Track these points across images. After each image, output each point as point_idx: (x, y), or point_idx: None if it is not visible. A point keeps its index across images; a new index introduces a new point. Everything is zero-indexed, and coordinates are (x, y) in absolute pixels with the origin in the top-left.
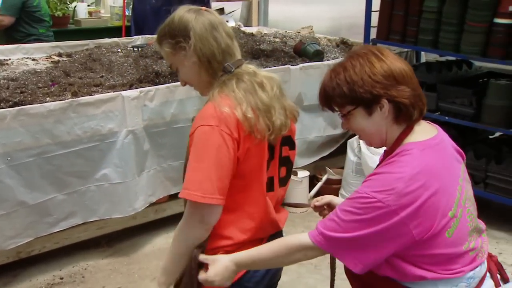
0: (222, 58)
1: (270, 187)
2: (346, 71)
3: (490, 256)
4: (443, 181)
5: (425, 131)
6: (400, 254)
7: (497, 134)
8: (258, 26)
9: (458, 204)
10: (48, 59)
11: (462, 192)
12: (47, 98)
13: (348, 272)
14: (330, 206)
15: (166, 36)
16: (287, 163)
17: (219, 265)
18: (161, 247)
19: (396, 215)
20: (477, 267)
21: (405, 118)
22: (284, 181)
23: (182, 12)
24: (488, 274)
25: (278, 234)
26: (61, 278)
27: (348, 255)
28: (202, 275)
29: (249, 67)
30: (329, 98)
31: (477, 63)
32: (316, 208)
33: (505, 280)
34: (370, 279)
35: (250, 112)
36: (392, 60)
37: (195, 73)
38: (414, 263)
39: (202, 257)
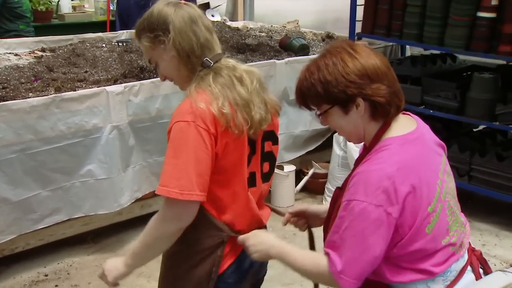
0: (201, 53)
1: (252, 182)
2: (319, 71)
3: (473, 250)
4: (423, 175)
5: (403, 126)
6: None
7: (481, 127)
8: (243, 20)
9: (438, 199)
10: (31, 54)
11: (442, 186)
12: (30, 94)
13: None
14: (306, 215)
15: (145, 30)
16: (270, 158)
17: (259, 236)
18: None
19: (387, 214)
20: (455, 261)
21: (382, 115)
22: (267, 177)
23: (161, 6)
24: (469, 267)
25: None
26: (46, 275)
27: (353, 277)
28: (240, 237)
29: (229, 61)
30: (305, 98)
31: (461, 57)
32: (288, 218)
33: (487, 275)
34: None
35: (226, 107)
36: (366, 57)
37: (174, 67)
38: (395, 263)
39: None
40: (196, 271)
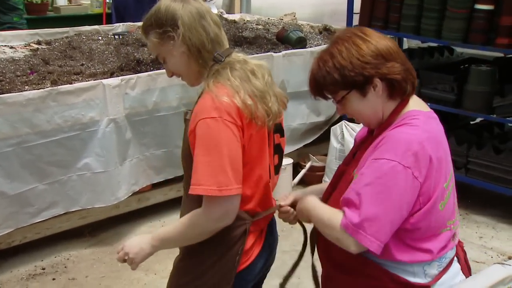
0: (212, 48)
1: (269, 174)
2: (333, 58)
3: (458, 242)
4: (444, 151)
5: (421, 105)
6: None
7: (478, 119)
8: (240, 13)
9: (451, 179)
10: (27, 47)
11: (452, 169)
12: (26, 87)
13: (320, 249)
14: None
15: (153, 26)
16: (279, 151)
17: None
18: None
19: (414, 178)
20: (451, 249)
21: (399, 93)
22: (277, 169)
23: (168, 1)
24: (456, 258)
25: (273, 222)
26: (43, 269)
27: (372, 234)
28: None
29: (239, 55)
30: (321, 87)
31: (459, 49)
32: (282, 211)
33: (468, 267)
34: (343, 259)
35: (248, 99)
36: (377, 39)
37: (184, 63)
38: (399, 238)
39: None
40: (221, 263)
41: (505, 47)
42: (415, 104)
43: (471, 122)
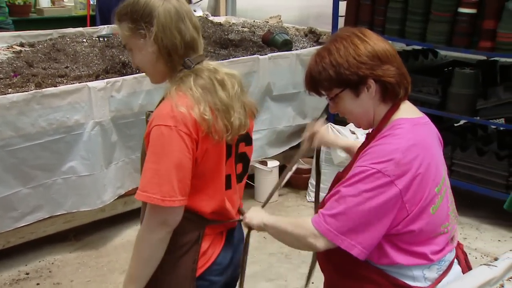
0: (184, 52)
1: (228, 184)
2: (331, 55)
3: (458, 244)
4: (433, 156)
5: (412, 110)
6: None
7: (462, 122)
8: (226, 15)
9: (443, 183)
10: (10, 49)
11: (446, 173)
12: (9, 90)
13: (320, 256)
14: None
15: (127, 17)
16: (243, 159)
17: (255, 212)
18: (131, 239)
19: (393, 186)
20: (449, 251)
21: (392, 96)
22: (240, 177)
23: None
24: (456, 260)
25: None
26: (27, 274)
27: (348, 237)
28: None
29: (210, 63)
30: (316, 83)
31: (443, 52)
32: (245, 224)
33: (469, 268)
34: (343, 263)
35: (207, 113)
36: (375, 40)
37: (152, 62)
38: (393, 242)
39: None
40: (177, 270)
41: (488, 50)
42: (406, 109)
43: (455, 124)
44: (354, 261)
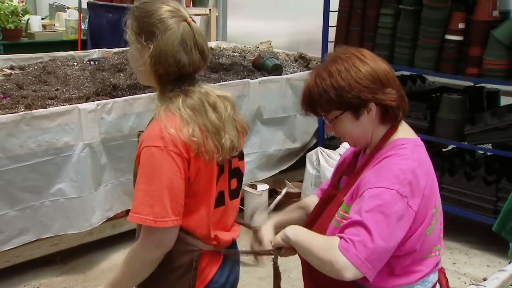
0: (177, 76)
1: (221, 201)
2: (332, 77)
3: (440, 268)
4: (433, 178)
5: (410, 132)
6: None
7: (450, 147)
8: (217, 40)
9: (439, 205)
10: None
11: (439, 196)
12: None
13: (305, 270)
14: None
15: (137, 21)
16: (237, 174)
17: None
18: (119, 263)
19: (409, 207)
20: (433, 272)
21: (391, 119)
22: (235, 193)
23: (167, 13)
24: (438, 284)
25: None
26: None
27: (369, 261)
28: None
29: (203, 86)
30: (315, 103)
31: (431, 78)
32: (275, 248)
33: None
34: (325, 279)
35: (197, 133)
36: (375, 62)
37: (142, 71)
38: (389, 263)
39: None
40: None
41: (475, 76)
42: (404, 130)
43: (443, 149)
44: (340, 283)
